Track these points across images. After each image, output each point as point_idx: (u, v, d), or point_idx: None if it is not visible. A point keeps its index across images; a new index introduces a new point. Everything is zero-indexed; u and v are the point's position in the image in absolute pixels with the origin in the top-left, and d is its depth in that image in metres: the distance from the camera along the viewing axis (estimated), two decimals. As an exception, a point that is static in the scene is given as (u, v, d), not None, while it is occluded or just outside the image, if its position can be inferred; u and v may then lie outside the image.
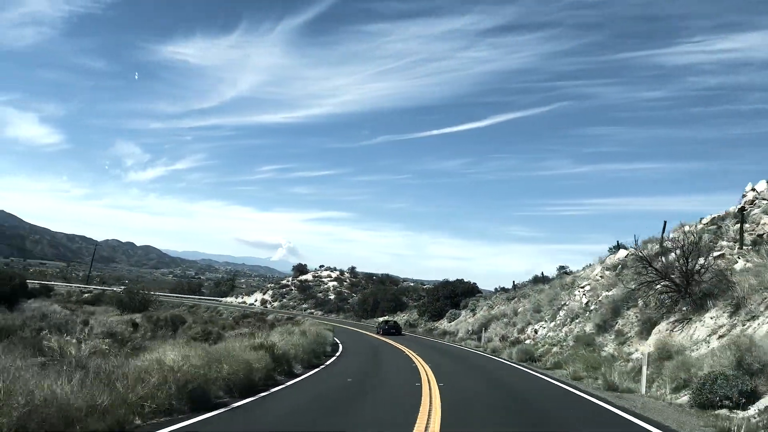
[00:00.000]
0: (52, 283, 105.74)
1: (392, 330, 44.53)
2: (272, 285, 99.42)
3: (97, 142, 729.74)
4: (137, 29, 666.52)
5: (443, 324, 49.46)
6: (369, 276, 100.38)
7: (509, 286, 49.25)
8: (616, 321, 22.55)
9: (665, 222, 27.85)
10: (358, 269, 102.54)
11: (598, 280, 28.15)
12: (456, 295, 51.94)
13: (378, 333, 44.82)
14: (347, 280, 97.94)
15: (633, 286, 22.44)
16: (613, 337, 21.72)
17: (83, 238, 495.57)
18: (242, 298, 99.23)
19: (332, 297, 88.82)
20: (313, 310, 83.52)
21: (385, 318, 54.47)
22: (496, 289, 53.64)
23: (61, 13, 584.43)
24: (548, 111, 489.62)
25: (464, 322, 44.83)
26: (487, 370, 21.31)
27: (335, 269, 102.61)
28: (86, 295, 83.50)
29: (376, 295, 73.64)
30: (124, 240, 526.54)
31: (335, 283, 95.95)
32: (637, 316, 21.69)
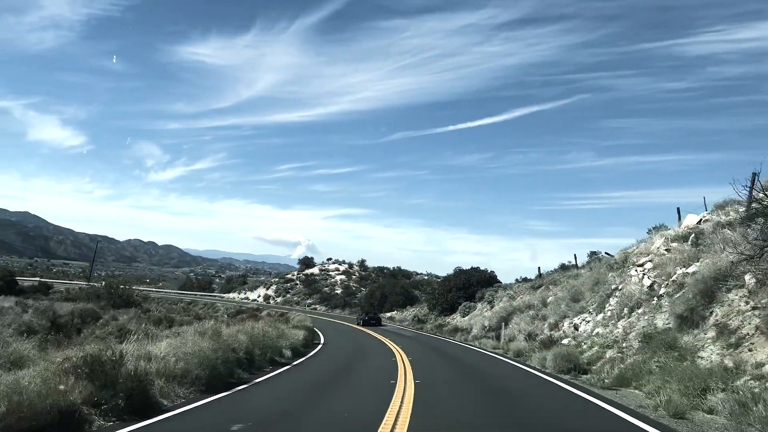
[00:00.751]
0: (59, 281, 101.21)
1: (372, 321, 47.22)
2: (276, 280, 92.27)
3: (118, 144, 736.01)
4: (155, 31, 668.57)
5: (455, 319, 41.42)
6: (380, 269, 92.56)
7: (532, 277, 41.15)
8: (710, 309, 14.26)
9: (755, 174, 19.29)
10: (374, 264, 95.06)
11: (663, 255, 19.80)
12: (471, 285, 43.77)
13: (358, 324, 47.31)
14: (356, 274, 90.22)
15: (733, 258, 14.22)
16: (712, 335, 13.44)
17: (105, 238, 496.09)
18: (245, 294, 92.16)
19: (339, 291, 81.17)
20: (317, 306, 76.05)
21: (366, 310, 57.09)
22: (517, 279, 45.36)
23: (80, 16, 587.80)
24: (568, 104, 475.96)
25: (480, 316, 36.66)
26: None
27: (344, 262, 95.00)
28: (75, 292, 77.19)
29: (384, 289, 65.79)
30: (145, 240, 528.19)
31: (343, 276, 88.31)
32: (747, 302, 13.44)
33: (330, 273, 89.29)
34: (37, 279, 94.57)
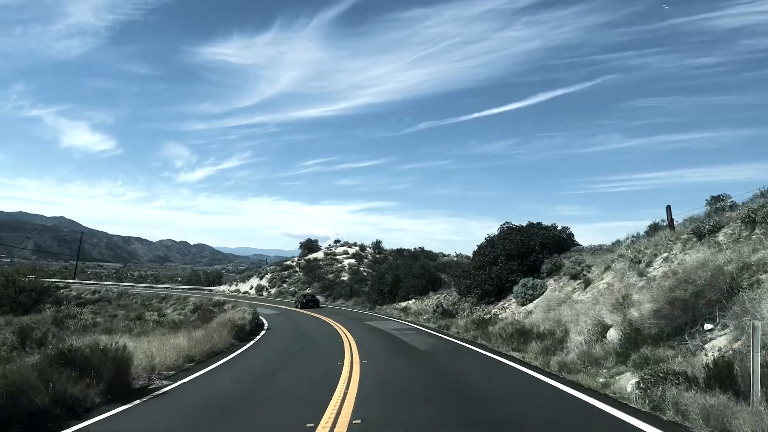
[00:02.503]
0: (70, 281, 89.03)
1: (310, 303, 45.05)
2: (273, 267, 74.41)
3: (147, 146, 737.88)
4: (178, 33, 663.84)
5: (509, 306, 22.54)
6: (398, 251, 73.58)
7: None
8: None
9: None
10: (393, 246, 76.27)
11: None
12: (530, 250, 24.57)
13: (297, 306, 45.24)
14: (369, 257, 71.58)
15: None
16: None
17: (138, 239, 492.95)
18: (236, 286, 74.72)
19: (345, 278, 62.66)
20: (319, 297, 57.57)
21: (304, 292, 53.49)
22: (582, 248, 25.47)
23: (105, 22, 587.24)
24: (594, 85, 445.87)
25: (564, 303, 17.64)
26: None
27: (354, 244, 76.42)
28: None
29: (398, 270, 46.84)
30: (177, 240, 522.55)
31: (353, 261, 69.73)
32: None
33: (337, 257, 71.08)
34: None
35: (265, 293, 65.34)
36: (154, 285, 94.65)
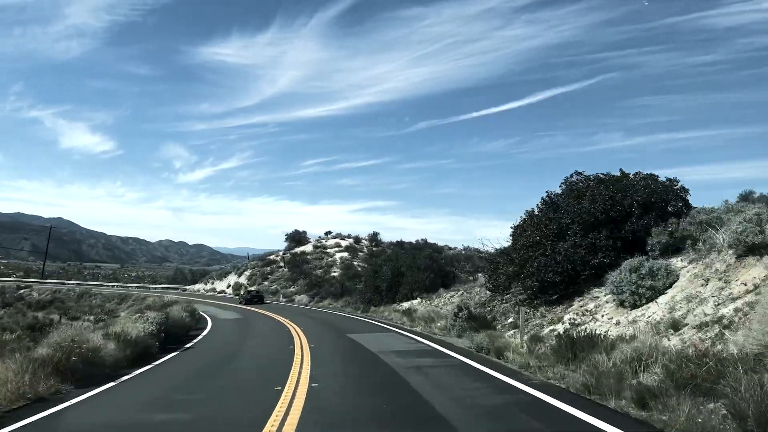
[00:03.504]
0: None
1: (255, 299, 42.16)
2: (255, 263, 63.66)
3: (147, 147, 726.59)
4: (177, 33, 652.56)
5: (600, 309, 12.25)
6: (398, 244, 63.11)
7: None
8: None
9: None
10: (392, 239, 65.76)
11: None
12: (626, 213, 14.18)
13: (241, 303, 41.69)
14: (365, 251, 61.09)
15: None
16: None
17: (136, 239, 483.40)
18: (212, 284, 64.18)
19: (336, 274, 52.14)
20: (301, 296, 47.07)
21: (249, 288, 50.58)
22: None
23: (103, 23, 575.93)
24: (594, 84, 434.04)
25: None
26: None
27: (348, 236, 65.89)
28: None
29: (398, 263, 36.36)
30: (176, 240, 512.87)
31: (346, 254, 59.21)
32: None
33: (328, 250, 60.61)
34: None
35: (243, 291, 54.96)
36: (130, 285, 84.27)
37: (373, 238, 64.32)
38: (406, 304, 29.31)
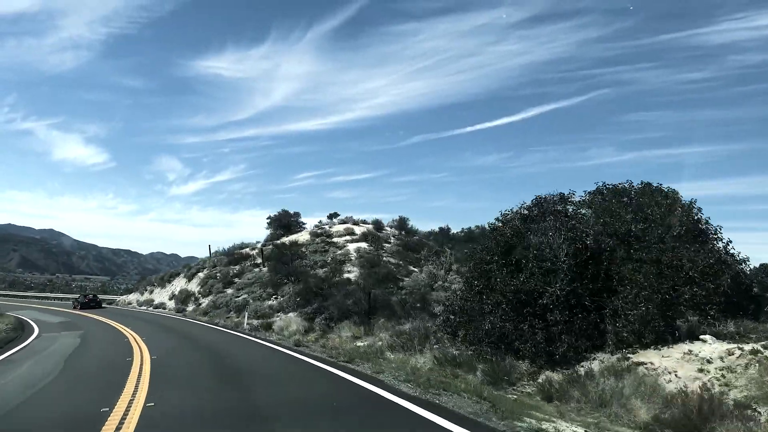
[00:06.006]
0: None
1: (92, 303, 35.89)
2: (217, 259, 38.02)
3: (140, 159, 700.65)
4: (171, 46, 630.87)
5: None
6: (442, 233, 38.55)
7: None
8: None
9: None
10: (426, 227, 41.30)
11: None
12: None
13: (74, 308, 35.28)
14: (390, 241, 36.53)
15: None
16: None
17: (128, 251, 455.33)
18: (147, 294, 39.14)
19: (352, 275, 27.49)
20: (290, 314, 22.14)
21: (85, 292, 42.12)
22: None
23: (99, 35, 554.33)
24: (586, 100, 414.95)
25: None
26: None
27: (363, 222, 41.26)
28: None
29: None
30: (168, 252, 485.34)
31: (364, 245, 34.53)
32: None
33: (334, 240, 36.08)
34: None
35: (190, 305, 30.24)
36: (55, 296, 59.26)
37: (402, 224, 39.79)
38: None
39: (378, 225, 39.20)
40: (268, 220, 41.26)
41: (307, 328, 17.55)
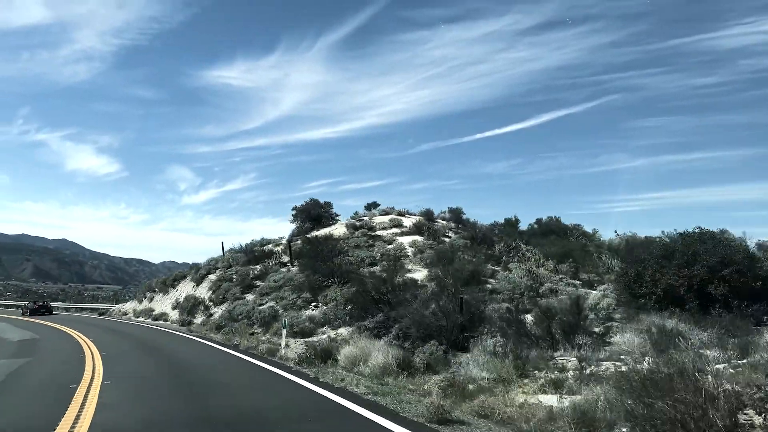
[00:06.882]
0: None
1: (42, 310, 34.93)
2: (235, 257, 29.65)
3: (152, 169, 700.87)
4: (182, 57, 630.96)
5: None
6: (514, 224, 30.43)
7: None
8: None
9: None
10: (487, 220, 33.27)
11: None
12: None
13: (23, 314, 34.25)
14: (450, 235, 28.45)
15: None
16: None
17: (140, 261, 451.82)
18: (147, 302, 31.35)
19: (419, 275, 19.45)
20: (342, 329, 14.07)
21: (35, 299, 42.71)
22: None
23: (111, 47, 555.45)
24: (597, 105, 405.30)
25: None
26: None
27: (406, 213, 33.23)
28: None
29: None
30: (180, 261, 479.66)
31: (419, 238, 26.55)
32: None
33: (377, 232, 28.13)
34: None
35: (199, 317, 22.34)
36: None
37: (457, 215, 31.73)
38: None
39: (429, 215, 31.15)
40: (294, 212, 33.36)
41: (401, 360, 9.57)
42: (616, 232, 28.31)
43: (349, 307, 18.05)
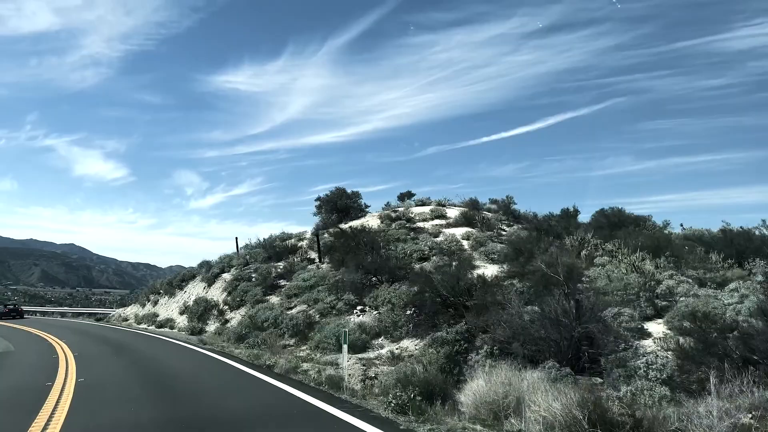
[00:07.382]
0: None
1: (12, 314, 33.81)
2: (252, 252, 25.57)
3: (159, 174, 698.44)
4: (189, 62, 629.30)
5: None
6: (568, 216, 25.96)
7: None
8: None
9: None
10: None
11: None
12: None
13: None
14: (502, 227, 23.95)
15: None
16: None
17: (147, 265, 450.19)
18: (150, 306, 27.14)
19: (486, 270, 15.01)
20: (408, 341, 9.59)
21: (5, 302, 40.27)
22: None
23: (118, 53, 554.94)
24: (603, 108, 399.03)
25: None
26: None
27: (449, 203, 28.86)
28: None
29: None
30: (187, 265, 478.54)
31: (473, 230, 22.13)
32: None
33: (416, 223, 23.79)
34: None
35: (212, 323, 17.96)
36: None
37: (507, 205, 27.29)
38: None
39: (474, 204, 26.64)
40: (317, 203, 28.96)
41: (592, 406, 5.20)
42: (681, 225, 23.96)
43: (409, 312, 13.68)
